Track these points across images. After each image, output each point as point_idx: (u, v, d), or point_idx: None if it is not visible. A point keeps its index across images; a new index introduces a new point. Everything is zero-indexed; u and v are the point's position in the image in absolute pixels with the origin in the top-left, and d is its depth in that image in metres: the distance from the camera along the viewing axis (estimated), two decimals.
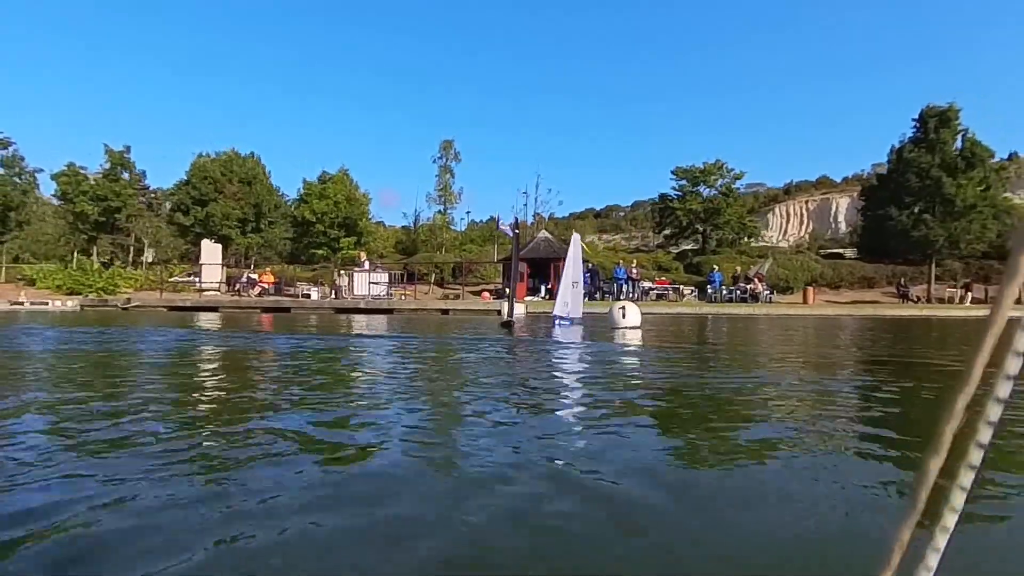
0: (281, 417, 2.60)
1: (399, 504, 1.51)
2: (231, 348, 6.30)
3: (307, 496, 1.54)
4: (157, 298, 21.33)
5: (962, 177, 27.09)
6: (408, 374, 4.25)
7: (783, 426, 2.51)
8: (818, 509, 1.52)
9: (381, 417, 2.58)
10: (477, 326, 10.94)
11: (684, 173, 37.19)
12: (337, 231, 27.85)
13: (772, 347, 7.02)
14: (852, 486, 1.69)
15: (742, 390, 3.50)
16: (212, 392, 3.45)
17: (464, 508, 1.46)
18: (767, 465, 1.93)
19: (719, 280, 25.67)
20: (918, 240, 27.73)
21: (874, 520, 1.43)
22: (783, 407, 3.00)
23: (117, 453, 1.95)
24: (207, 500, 1.49)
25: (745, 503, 1.59)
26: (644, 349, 6.51)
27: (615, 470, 1.79)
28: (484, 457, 1.93)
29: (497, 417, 2.63)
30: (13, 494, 1.54)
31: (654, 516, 1.47)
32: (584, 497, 1.57)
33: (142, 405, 2.82)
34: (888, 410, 2.97)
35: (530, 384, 3.78)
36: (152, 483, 1.62)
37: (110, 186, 26.74)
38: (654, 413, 2.84)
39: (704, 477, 1.83)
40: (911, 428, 2.54)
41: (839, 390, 3.63)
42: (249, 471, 1.76)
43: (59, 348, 6.07)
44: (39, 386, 3.50)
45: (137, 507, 1.45)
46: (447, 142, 35.69)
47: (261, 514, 1.41)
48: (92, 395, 3.19)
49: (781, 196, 70.44)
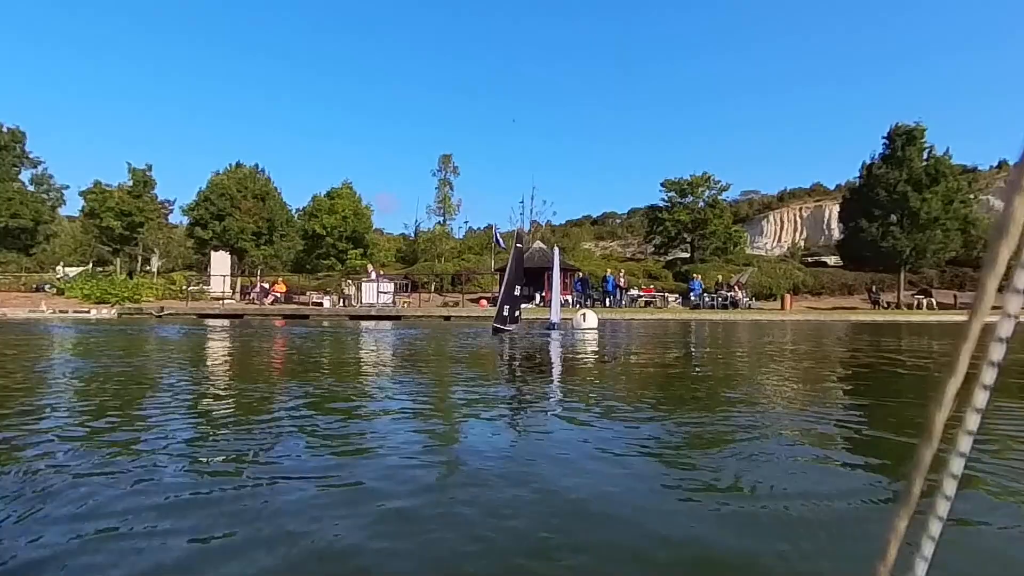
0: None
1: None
2: (344, 333, 9.24)
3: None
4: (184, 306, 24.23)
5: (927, 192, 30.18)
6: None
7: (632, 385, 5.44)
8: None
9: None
10: (476, 328, 13.88)
11: (672, 185, 40.33)
12: (345, 244, 30.98)
13: (707, 339, 9.96)
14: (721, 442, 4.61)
15: (645, 365, 6.44)
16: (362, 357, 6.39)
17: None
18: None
19: (699, 288, 28.60)
20: (887, 250, 30.77)
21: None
22: (654, 373, 5.93)
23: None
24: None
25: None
26: (583, 342, 9.47)
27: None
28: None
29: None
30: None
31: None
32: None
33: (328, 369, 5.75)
34: (780, 388, 5.89)
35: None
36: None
37: (134, 202, 29.78)
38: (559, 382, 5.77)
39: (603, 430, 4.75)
40: (795, 403, 5.11)
41: (728, 373, 6.57)
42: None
43: (208, 337, 8.99)
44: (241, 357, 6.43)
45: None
46: (446, 156, 38.91)
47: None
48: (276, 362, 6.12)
49: (775, 203, 73.50)
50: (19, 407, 3.54)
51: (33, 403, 3.73)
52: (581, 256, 42.07)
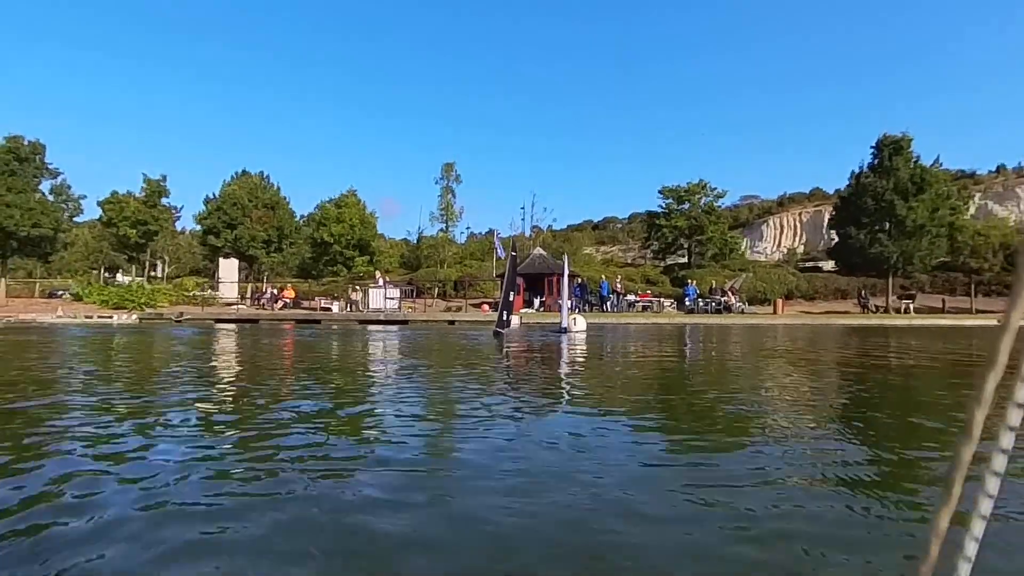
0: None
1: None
2: (364, 336, 10.85)
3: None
4: (201, 311, 25.86)
5: (913, 200, 31.79)
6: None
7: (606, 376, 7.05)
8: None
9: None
10: (480, 331, 15.48)
11: (670, 192, 42.00)
12: (352, 251, 32.73)
13: (696, 339, 11.55)
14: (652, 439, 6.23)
15: (625, 365, 8.05)
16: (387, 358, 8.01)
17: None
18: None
19: (694, 293, 30.18)
20: (875, 256, 32.37)
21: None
22: (627, 372, 7.54)
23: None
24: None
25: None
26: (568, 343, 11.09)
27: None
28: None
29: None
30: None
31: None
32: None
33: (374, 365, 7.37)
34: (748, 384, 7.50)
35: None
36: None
37: (149, 212, 31.52)
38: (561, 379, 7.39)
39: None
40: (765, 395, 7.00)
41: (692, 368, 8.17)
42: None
43: (239, 338, 10.61)
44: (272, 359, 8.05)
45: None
46: (448, 164, 40.58)
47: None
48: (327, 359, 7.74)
49: (775, 208, 75.05)
50: (172, 395, 5.17)
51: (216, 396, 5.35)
52: (582, 261, 43.66)
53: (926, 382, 5.92)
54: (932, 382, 5.91)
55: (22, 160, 29.79)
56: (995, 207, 69.70)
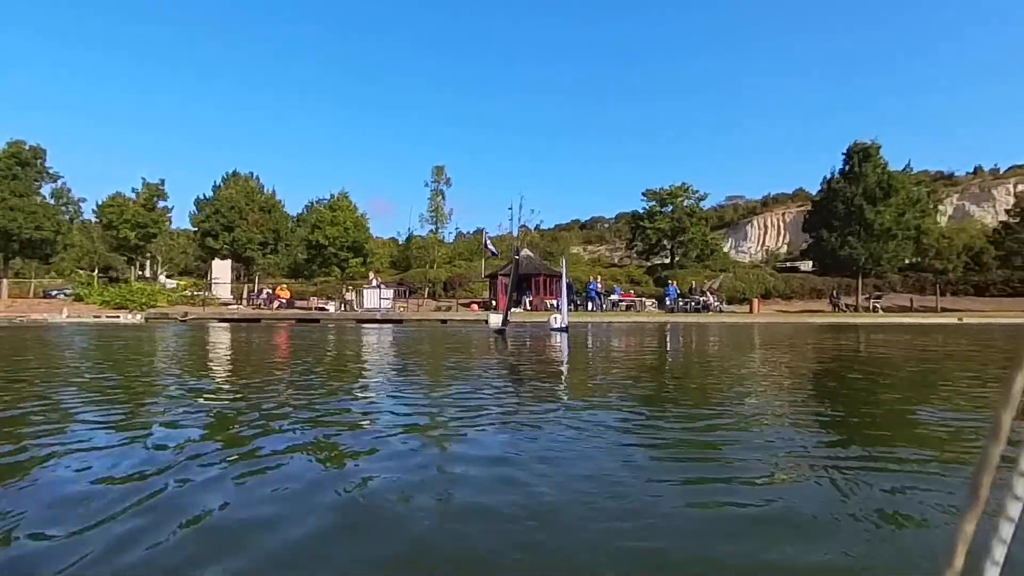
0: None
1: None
2: (364, 334, 12.66)
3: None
4: (203, 311, 27.50)
5: (880, 204, 34.16)
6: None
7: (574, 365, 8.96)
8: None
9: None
10: (470, 328, 17.38)
11: (653, 195, 44.20)
12: (346, 253, 34.55)
13: (673, 337, 13.49)
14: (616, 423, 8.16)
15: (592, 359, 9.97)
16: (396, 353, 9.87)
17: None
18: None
19: (673, 293, 32.26)
20: (845, 258, 34.72)
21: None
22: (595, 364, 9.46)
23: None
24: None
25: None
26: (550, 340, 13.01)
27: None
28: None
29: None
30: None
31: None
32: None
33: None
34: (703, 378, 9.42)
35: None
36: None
37: (148, 214, 33.06)
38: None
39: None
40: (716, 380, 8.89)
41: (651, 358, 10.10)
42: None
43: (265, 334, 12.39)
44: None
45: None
46: (438, 168, 42.49)
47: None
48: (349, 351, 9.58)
49: (759, 208, 77.70)
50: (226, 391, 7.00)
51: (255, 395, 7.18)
52: (570, 261, 45.64)
53: (867, 371, 7.53)
54: (870, 370, 7.43)
55: (24, 164, 31.23)
56: (972, 208, 72.86)
